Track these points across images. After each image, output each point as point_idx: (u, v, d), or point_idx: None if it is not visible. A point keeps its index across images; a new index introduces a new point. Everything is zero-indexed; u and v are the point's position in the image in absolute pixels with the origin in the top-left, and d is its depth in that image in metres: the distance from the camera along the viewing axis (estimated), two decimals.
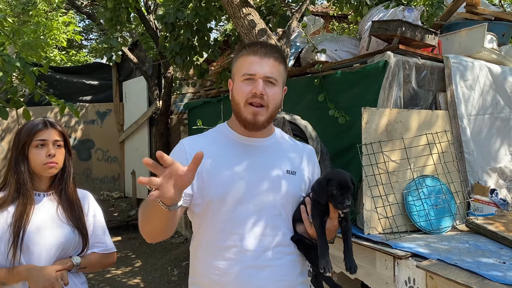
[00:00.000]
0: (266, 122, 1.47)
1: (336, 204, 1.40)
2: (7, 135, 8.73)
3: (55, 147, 1.84)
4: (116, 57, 4.39)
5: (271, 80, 1.45)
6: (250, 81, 1.44)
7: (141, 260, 6.10)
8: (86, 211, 1.99)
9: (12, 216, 1.77)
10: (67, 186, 1.92)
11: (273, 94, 1.45)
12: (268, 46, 1.50)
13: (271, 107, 1.45)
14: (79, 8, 7.47)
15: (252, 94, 1.43)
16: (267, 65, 1.44)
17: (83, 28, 17.82)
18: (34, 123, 1.86)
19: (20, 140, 1.83)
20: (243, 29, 3.35)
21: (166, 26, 4.06)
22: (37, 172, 1.85)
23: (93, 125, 9.27)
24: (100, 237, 2.03)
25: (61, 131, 1.90)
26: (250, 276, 1.43)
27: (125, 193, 9.31)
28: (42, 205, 1.88)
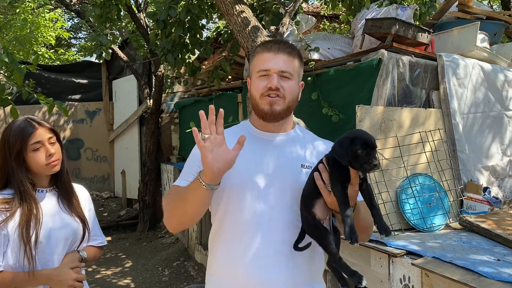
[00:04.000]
0: (283, 112, 1.50)
1: (362, 165, 1.29)
2: None
3: (50, 144, 1.83)
4: (106, 55, 4.33)
5: (286, 75, 1.49)
6: (265, 77, 1.49)
7: (132, 261, 6.04)
8: (83, 205, 2.00)
9: (19, 223, 1.76)
10: (64, 178, 1.93)
11: (289, 87, 1.50)
12: (282, 43, 1.56)
13: (288, 99, 1.49)
14: (68, 6, 7.37)
15: (268, 88, 1.48)
16: (281, 60, 1.50)
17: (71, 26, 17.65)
18: (21, 126, 1.80)
19: (11, 147, 1.79)
20: (236, 26, 3.33)
21: (158, 23, 4.02)
22: (39, 172, 1.85)
23: (82, 124, 9.17)
24: (96, 231, 2.06)
25: (50, 128, 1.87)
26: (260, 269, 1.46)
27: (115, 193, 9.22)
28: (46, 201, 1.88)
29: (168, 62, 4.26)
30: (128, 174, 8.57)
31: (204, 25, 4.44)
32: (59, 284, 1.79)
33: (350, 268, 1.42)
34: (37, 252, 1.78)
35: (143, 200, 7.47)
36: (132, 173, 8.47)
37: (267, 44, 1.55)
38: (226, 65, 4.29)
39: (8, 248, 1.76)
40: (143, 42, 6.57)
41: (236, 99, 5.39)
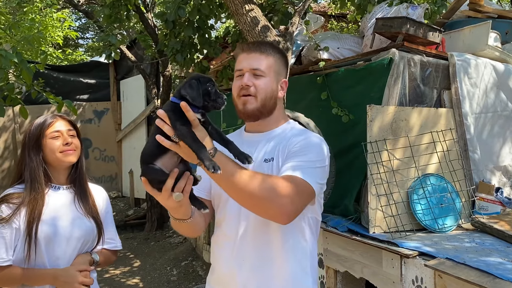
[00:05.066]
0: (256, 111, 1.50)
1: (216, 100, 1.31)
2: (3, 134, 8.65)
3: (69, 136, 1.86)
4: (115, 55, 4.34)
5: (257, 72, 1.49)
6: (240, 77, 1.51)
7: (140, 260, 6.05)
8: (100, 207, 1.98)
9: (25, 214, 1.76)
10: (81, 177, 1.93)
11: (261, 84, 1.49)
12: (256, 42, 1.62)
13: (260, 96, 1.49)
14: (76, 6, 7.39)
15: (240, 87, 1.49)
16: (253, 59, 1.50)
17: (79, 27, 17.74)
18: (44, 117, 1.88)
19: (32, 134, 1.84)
20: (246, 26, 3.32)
21: (167, 24, 4.02)
22: (55, 163, 1.85)
23: (90, 124, 9.21)
24: (111, 234, 2.03)
25: (71, 122, 1.91)
26: (232, 269, 1.52)
27: (123, 193, 9.25)
28: (60, 197, 1.87)
29: (177, 62, 4.26)
30: (136, 173, 8.58)
31: (213, 25, 4.43)
32: (64, 285, 1.77)
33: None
34: (38, 246, 1.75)
35: (151, 199, 7.48)
36: (139, 173, 8.43)
37: (243, 45, 1.58)
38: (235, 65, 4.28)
39: (19, 242, 1.76)
40: (151, 42, 6.57)
41: None
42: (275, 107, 1.55)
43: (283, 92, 1.57)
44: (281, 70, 1.57)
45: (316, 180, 1.40)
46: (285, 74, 1.59)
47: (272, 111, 1.55)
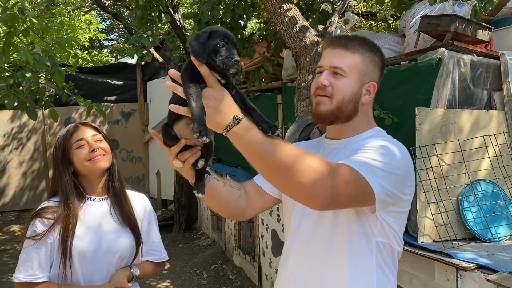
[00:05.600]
0: (330, 113, 1.34)
1: (224, 60, 1.10)
2: (33, 136, 8.77)
3: (94, 142, 1.79)
4: (147, 57, 4.30)
5: (337, 71, 1.33)
6: (319, 74, 1.37)
7: (169, 262, 6.01)
8: (141, 216, 1.91)
9: (59, 231, 1.72)
10: (116, 184, 1.85)
11: (340, 84, 1.32)
12: (345, 37, 1.42)
13: (336, 98, 1.33)
14: (104, 8, 7.42)
15: (316, 86, 1.36)
16: (336, 55, 1.35)
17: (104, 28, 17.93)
18: (66, 129, 1.84)
19: (57, 149, 1.80)
20: (284, 26, 3.22)
21: (200, 25, 3.96)
22: (86, 173, 1.79)
23: (118, 125, 9.26)
24: (155, 245, 1.95)
25: (94, 127, 1.85)
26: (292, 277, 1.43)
27: (150, 194, 9.27)
28: (96, 210, 1.81)
29: None
30: (163, 175, 8.59)
31: (246, 25, 4.35)
32: None
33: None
34: (72, 263, 1.70)
35: (179, 201, 7.46)
36: (167, 174, 8.48)
37: (329, 40, 1.44)
38: (268, 66, 4.19)
39: (54, 257, 1.71)
40: (179, 43, 6.54)
41: (275, 100, 5.29)
42: (356, 112, 1.36)
43: (369, 96, 1.38)
44: (369, 71, 1.36)
45: (379, 181, 1.17)
46: (374, 76, 1.38)
47: (351, 117, 1.36)
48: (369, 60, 1.36)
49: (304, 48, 3.19)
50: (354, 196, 1.17)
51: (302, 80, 3.19)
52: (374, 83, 1.38)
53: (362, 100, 1.36)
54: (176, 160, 1.28)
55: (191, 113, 1.10)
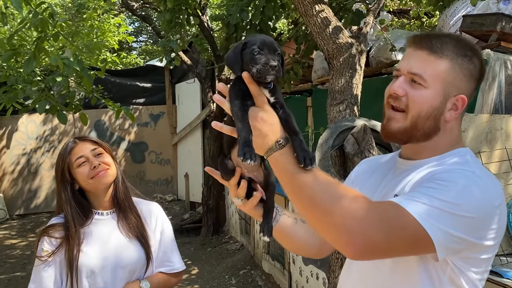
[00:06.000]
0: (403, 131, 1.12)
1: (259, 68, 0.99)
2: (64, 138, 8.91)
3: (95, 157, 1.73)
4: (176, 61, 4.25)
5: (415, 78, 1.09)
6: (396, 79, 1.15)
7: (198, 267, 5.97)
8: (153, 226, 1.84)
9: (65, 250, 1.70)
10: (120, 196, 1.78)
11: (417, 96, 1.09)
12: (433, 36, 1.14)
13: (411, 113, 1.10)
14: (133, 11, 7.45)
15: (389, 94, 1.14)
16: (417, 58, 1.11)
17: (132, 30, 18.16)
18: (64, 146, 1.78)
19: (57, 168, 1.76)
20: (316, 27, 3.09)
21: (228, 27, 3.87)
22: (92, 189, 1.75)
23: (147, 128, 9.31)
24: (168, 255, 1.87)
25: (94, 140, 1.79)
26: None
27: (178, 196, 9.28)
28: (105, 224, 1.77)
29: None
30: (191, 177, 8.57)
31: (276, 27, 4.24)
32: None
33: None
34: (79, 281, 1.67)
35: (207, 204, 7.41)
36: (195, 176, 8.46)
37: (414, 37, 1.16)
38: (298, 68, 4.07)
39: (63, 275, 1.69)
40: (207, 45, 6.49)
41: (305, 103, 5.16)
42: (436, 130, 1.11)
43: (455, 112, 1.11)
44: (459, 81, 1.10)
45: (439, 225, 0.95)
46: (465, 88, 1.11)
47: (429, 135, 1.12)
48: (460, 67, 1.10)
49: (337, 50, 3.05)
50: (403, 244, 0.98)
51: (335, 84, 3.05)
52: (463, 96, 1.10)
53: (445, 116, 1.11)
54: (235, 197, 1.18)
55: (237, 133, 1.03)
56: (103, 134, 9.07)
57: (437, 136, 1.13)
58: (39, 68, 5.81)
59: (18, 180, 8.70)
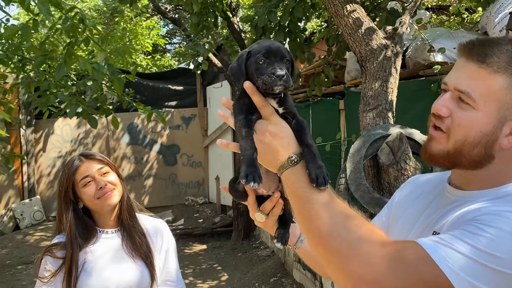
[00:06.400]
0: (444, 155, 0.95)
1: (264, 79, 0.90)
2: (98, 141, 9.03)
3: (101, 176, 1.70)
4: (203, 65, 4.16)
5: (463, 97, 0.91)
6: (443, 93, 0.97)
7: (227, 273, 5.87)
8: (159, 245, 1.80)
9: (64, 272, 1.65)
10: (125, 216, 1.75)
11: (463, 119, 0.91)
12: (487, 42, 0.93)
13: (455, 137, 0.92)
14: (164, 14, 7.45)
15: (433, 112, 0.97)
16: (466, 72, 0.92)
17: (166, 32, 18.35)
18: (69, 164, 1.72)
19: (62, 186, 1.71)
20: (347, 29, 2.91)
21: (256, 29, 3.73)
22: (97, 209, 1.72)
23: (178, 130, 9.32)
24: (171, 275, 1.82)
25: (100, 159, 1.74)
26: None
27: (209, 199, 9.24)
28: (109, 243, 1.73)
29: None
30: (222, 180, 8.50)
31: (306, 28, 4.07)
32: None
33: None
34: None
35: (237, 208, 7.31)
36: (226, 179, 8.38)
37: (465, 45, 0.95)
38: (329, 70, 3.89)
39: None
40: (238, 47, 6.38)
41: (337, 106, 4.96)
42: (488, 158, 0.92)
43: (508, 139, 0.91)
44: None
45: (470, 279, 0.77)
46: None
47: (479, 164, 0.93)
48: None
49: (370, 52, 2.87)
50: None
51: (368, 89, 2.86)
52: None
53: (501, 144, 0.91)
54: (259, 213, 1.08)
55: (239, 148, 0.95)
56: (136, 137, 9.14)
57: (492, 165, 0.93)
58: (73, 73, 5.87)
59: (54, 183, 8.87)
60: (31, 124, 8.74)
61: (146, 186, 9.17)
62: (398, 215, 1.15)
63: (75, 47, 4.72)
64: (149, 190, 9.19)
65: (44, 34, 8.15)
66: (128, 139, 9.12)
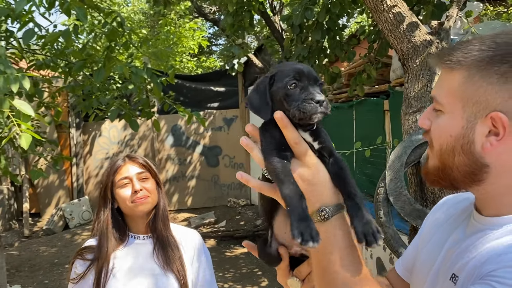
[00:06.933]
0: (436, 173, 0.84)
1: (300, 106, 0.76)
2: (143, 143, 9.18)
3: (140, 180, 1.69)
4: (238, 67, 4.06)
5: (434, 104, 0.84)
6: None
7: (268, 279, 5.74)
8: (191, 255, 1.75)
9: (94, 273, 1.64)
10: (159, 225, 1.72)
11: (435, 126, 0.84)
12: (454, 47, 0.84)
13: (435, 148, 0.84)
14: (205, 16, 7.44)
15: None
16: (438, 79, 0.86)
17: (212, 34, 18.49)
18: (112, 163, 1.74)
19: (102, 184, 1.72)
20: (387, 25, 2.69)
21: (293, 28, 3.58)
22: (129, 212, 1.70)
23: (220, 132, 9.32)
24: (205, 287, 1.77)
25: (142, 163, 1.73)
26: None
27: (251, 201, 9.16)
28: (139, 249, 1.70)
29: None
30: None
31: (346, 25, 3.86)
32: None
33: None
34: None
35: None
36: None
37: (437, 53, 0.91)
38: (371, 69, 3.67)
39: None
40: (278, 47, 6.25)
41: (382, 106, 4.70)
42: (478, 167, 0.78)
43: (496, 139, 0.76)
44: (483, 92, 0.76)
45: None
46: (499, 101, 0.75)
47: (472, 176, 0.79)
48: (481, 74, 0.76)
49: (413, 49, 2.64)
50: None
51: (411, 89, 2.63)
52: (497, 113, 0.74)
53: (483, 146, 0.77)
54: (292, 279, 0.92)
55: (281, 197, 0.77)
56: (179, 139, 9.23)
57: (494, 177, 0.78)
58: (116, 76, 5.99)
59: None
60: (79, 127, 9.02)
61: (189, 187, 9.23)
62: (426, 240, 0.99)
63: (115, 51, 4.77)
64: (192, 191, 9.24)
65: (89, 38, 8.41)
66: (172, 140, 9.22)
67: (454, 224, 0.92)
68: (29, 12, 4.15)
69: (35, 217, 8.95)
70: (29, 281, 5.97)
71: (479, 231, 0.82)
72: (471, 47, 0.78)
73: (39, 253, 7.28)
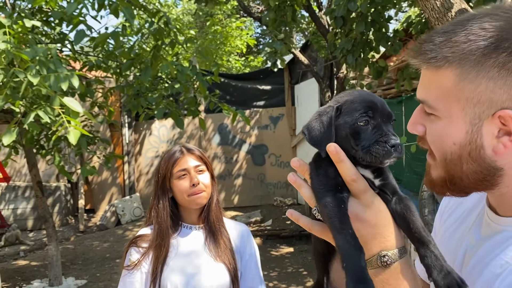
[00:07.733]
0: (443, 186, 0.74)
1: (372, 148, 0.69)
2: (191, 141, 9.34)
3: (197, 173, 1.70)
4: (281, 63, 4.00)
5: (425, 108, 0.73)
6: None
7: (313, 279, 5.65)
8: (242, 249, 1.77)
9: (150, 262, 1.66)
10: (212, 217, 1.74)
11: (431, 133, 0.73)
12: (429, 36, 0.73)
13: (438, 159, 0.73)
14: (251, 14, 7.45)
15: None
16: (421, 79, 0.74)
17: (260, 33, 18.53)
18: (170, 153, 1.75)
19: (160, 174, 1.72)
20: (434, 13, 2.56)
21: (336, 21, 3.48)
22: (184, 204, 1.72)
23: (266, 130, 9.30)
24: (255, 281, 1.76)
25: (199, 156, 1.73)
26: None
27: (298, 200, 9.07)
28: (192, 239, 1.73)
29: (348, 64, 3.68)
30: None
31: (392, 16, 3.72)
32: None
33: None
34: None
35: None
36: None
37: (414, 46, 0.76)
38: None
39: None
40: (325, 43, 6.14)
41: None
42: (491, 172, 0.69)
43: (509, 138, 0.66)
44: (483, 89, 0.65)
45: None
46: (505, 97, 0.64)
47: (485, 182, 0.71)
48: (477, 69, 0.65)
49: None
50: None
51: None
52: (507, 111, 0.64)
53: (495, 149, 0.67)
54: None
55: (339, 251, 0.69)
56: (226, 137, 9.31)
57: (509, 179, 0.69)
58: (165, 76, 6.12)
59: (152, 181, 9.37)
60: (131, 126, 9.32)
61: (236, 185, 9.29)
62: (439, 240, 0.90)
63: (162, 50, 4.86)
64: (239, 190, 9.29)
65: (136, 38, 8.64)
66: (219, 139, 9.31)
67: (465, 222, 0.84)
68: (80, 14, 4.32)
69: (90, 213, 9.35)
70: (82, 273, 6.22)
71: (497, 232, 0.74)
72: (456, 38, 0.66)
73: (92, 247, 7.59)
